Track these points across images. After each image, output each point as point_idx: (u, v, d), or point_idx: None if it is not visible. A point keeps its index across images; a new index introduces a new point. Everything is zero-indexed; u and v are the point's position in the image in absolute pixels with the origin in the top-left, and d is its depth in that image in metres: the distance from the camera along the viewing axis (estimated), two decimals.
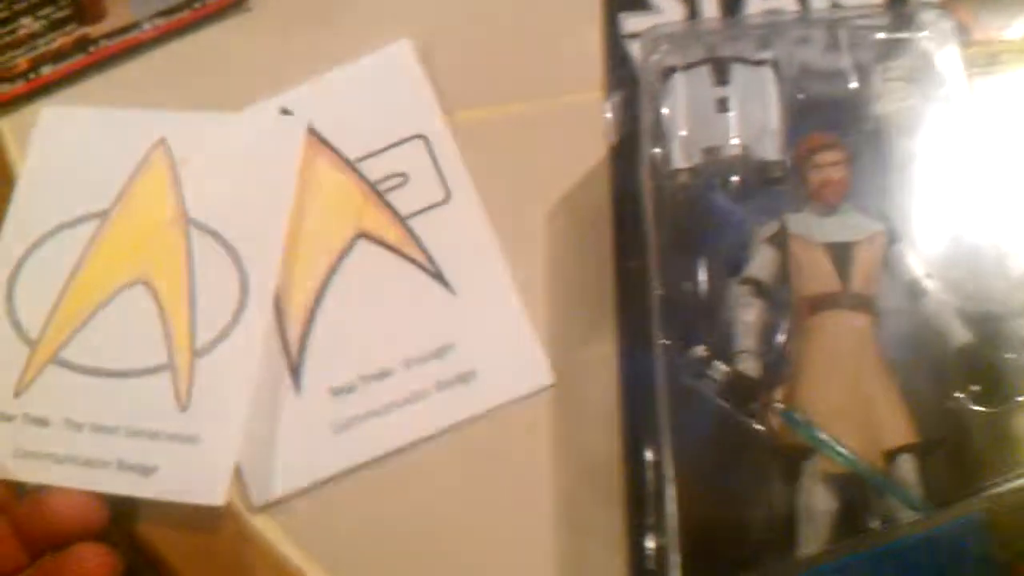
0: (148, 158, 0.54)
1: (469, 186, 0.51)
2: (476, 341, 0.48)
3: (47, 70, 0.56)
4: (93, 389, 0.48)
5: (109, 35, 0.56)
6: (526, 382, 0.47)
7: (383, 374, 0.48)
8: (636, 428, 0.45)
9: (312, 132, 0.53)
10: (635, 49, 0.52)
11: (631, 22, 0.53)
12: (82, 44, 0.56)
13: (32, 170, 0.55)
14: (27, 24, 0.56)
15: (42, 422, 0.48)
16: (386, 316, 0.50)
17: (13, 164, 0.55)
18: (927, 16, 0.43)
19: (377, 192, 0.52)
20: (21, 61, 0.56)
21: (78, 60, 0.56)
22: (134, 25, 0.56)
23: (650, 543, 0.42)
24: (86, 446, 0.47)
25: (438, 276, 0.50)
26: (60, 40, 0.56)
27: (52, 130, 0.56)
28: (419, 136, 0.53)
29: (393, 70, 0.54)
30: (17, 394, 0.49)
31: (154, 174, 0.53)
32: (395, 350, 0.48)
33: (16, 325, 0.50)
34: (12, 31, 0.56)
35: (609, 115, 0.51)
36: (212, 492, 0.45)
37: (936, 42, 0.43)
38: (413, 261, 0.50)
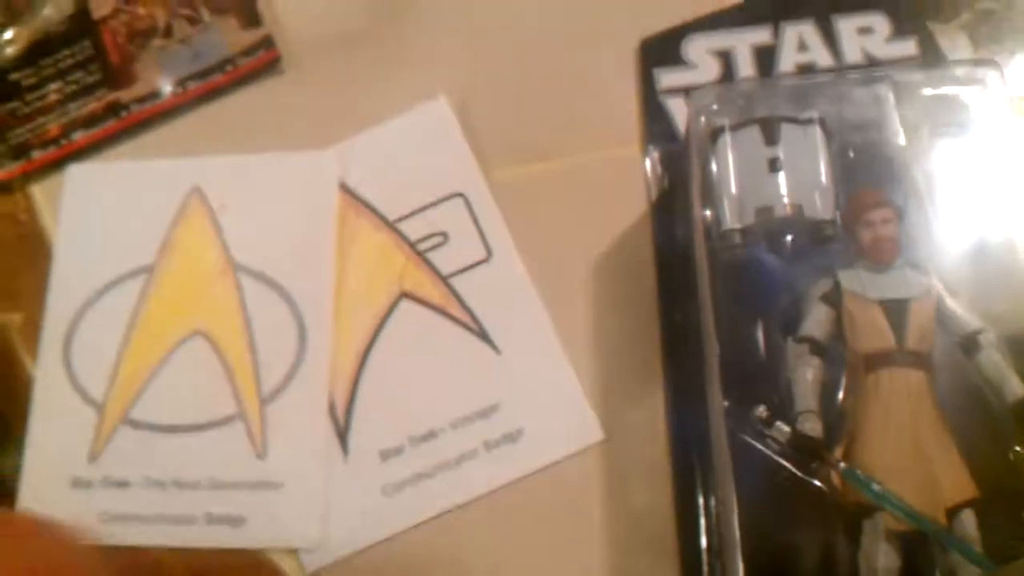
0: (185, 207, 0.54)
1: (509, 243, 0.51)
2: (523, 400, 0.48)
3: (79, 135, 0.56)
4: (168, 445, 0.49)
5: (141, 99, 0.56)
6: (575, 440, 0.47)
7: (431, 435, 0.48)
8: (688, 483, 0.45)
9: (351, 193, 0.53)
10: (673, 105, 0.53)
11: (667, 78, 0.54)
12: (113, 109, 0.56)
13: (68, 231, 0.55)
14: (57, 89, 0.56)
15: (122, 484, 0.48)
16: (432, 377, 0.49)
17: (47, 230, 0.55)
18: (974, 71, 0.43)
19: (418, 252, 0.52)
20: (52, 127, 0.56)
21: (110, 125, 0.56)
22: (166, 89, 0.56)
23: None
24: (172, 503, 0.47)
25: (483, 335, 0.50)
26: (91, 105, 0.56)
27: (81, 188, 0.56)
28: (458, 194, 0.52)
29: (430, 127, 0.54)
30: (92, 459, 0.49)
31: (193, 222, 0.53)
32: (442, 411, 0.48)
33: (80, 390, 0.50)
34: (42, 97, 0.56)
35: (648, 170, 0.52)
36: (305, 535, 0.46)
37: (984, 95, 0.44)
38: (457, 321, 0.50)
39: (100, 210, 0.55)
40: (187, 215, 0.54)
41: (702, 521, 0.45)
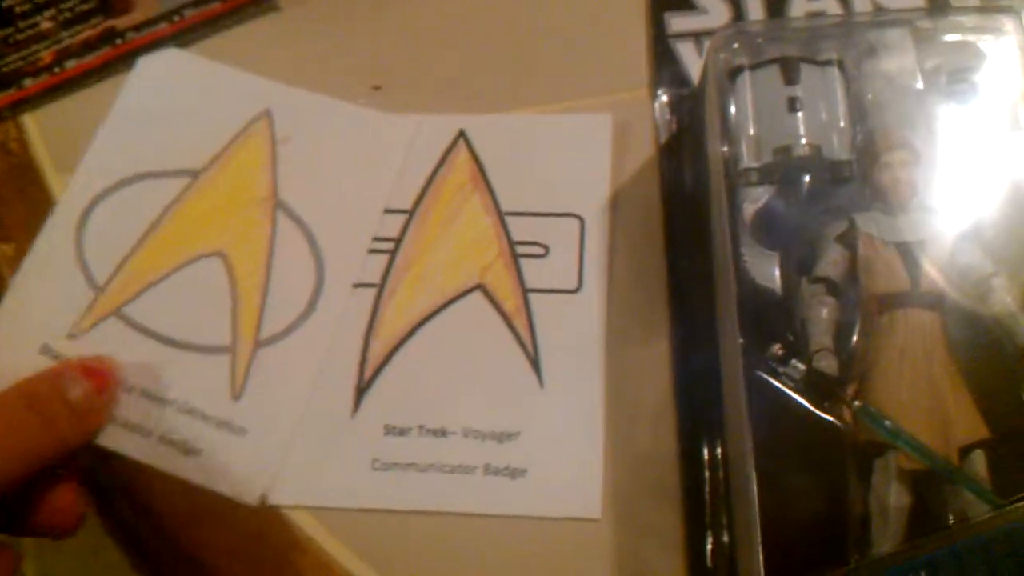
0: (250, 127, 0.53)
1: (602, 283, 0.49)
2: (542, 443, 0.46)
3: (73, 63, 0.54)
4: (149, 353, 0.47)
5: (136, 27, 0.55)
6: (571, 506, 0.44)
7: (440, 433, 0.46)
8: (693, 427, 0.45)
9: (479, 167, 0.52)
10: (682, 49, 0.52)
11: (676, 22, 0.53)
12: (108, 36, 0.55)
13: (125, 107, 0.53)
14: (50, 16, 0.54)
15: None
16: (468, 378, 0.47)
17: (38, 161, 0.53)
18: (992, 17, 0.44)
19: (513, 253, 0.49)
20: (45, 55, 0.54)
21: (104, 53, 0.55)
22: (162, 17, 0.55)
23: (709, 542, 0.43)
24: (134, 411, 0.45)
25: (534, 363, 0.47)
26: (86, 33, 0.55)
27: (155, 71, 0.54)
28: (578, 217, 0.50)
29: (583, 140, 0.52)
30: (71, 336, 0.47)
31: (253, 144, 0.52)
32: (461, 415, 0.46)
33: (83, 265, 0.49)
34: (34, 24, 0.54)
35: (657, 114, 0.51)
36: (248, 490, 0.44)
37: (1001, 42, 0.44)
38: (517, 337, 0.48)
39: (165, 98, 0.54)
40: (250, 134, 0.52)
41: (706, 465, 0.45)
